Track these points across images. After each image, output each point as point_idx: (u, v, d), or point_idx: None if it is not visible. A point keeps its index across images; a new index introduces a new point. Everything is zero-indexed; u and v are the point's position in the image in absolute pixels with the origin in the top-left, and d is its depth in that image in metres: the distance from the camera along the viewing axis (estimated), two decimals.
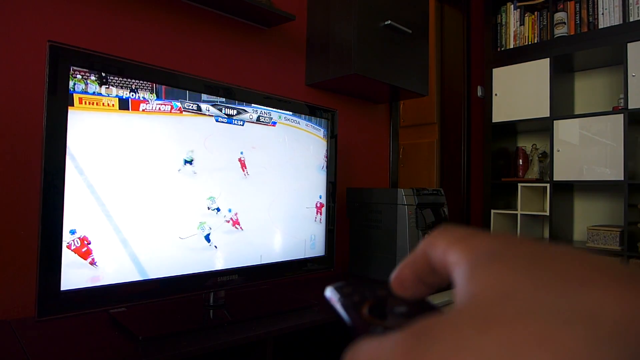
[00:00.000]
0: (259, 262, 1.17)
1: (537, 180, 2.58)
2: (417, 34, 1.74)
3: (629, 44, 2.19)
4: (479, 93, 2.75)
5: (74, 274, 0.83)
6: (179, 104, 0.99)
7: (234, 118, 1.11)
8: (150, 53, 1.27)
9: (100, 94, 0.86)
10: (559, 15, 2.45)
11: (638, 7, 2.21)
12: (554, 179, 2.41)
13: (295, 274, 1.31)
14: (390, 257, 1.48)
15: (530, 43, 2.60)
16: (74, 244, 0.82)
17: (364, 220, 1.59)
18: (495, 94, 2.67)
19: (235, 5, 1.37)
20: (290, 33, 1.65)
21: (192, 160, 1.02)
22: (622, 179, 2.19)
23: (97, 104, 0.86)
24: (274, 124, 1.21)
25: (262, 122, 1.18)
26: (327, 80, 1.63)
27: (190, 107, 1.02)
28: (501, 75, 2.66)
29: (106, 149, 0.88)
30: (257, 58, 1.55)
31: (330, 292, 0.21)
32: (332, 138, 1.39)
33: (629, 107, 2.18)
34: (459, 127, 2.68)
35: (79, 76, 0.83)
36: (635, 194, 2.26)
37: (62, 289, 0.81)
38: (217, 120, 1.07)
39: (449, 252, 0.17)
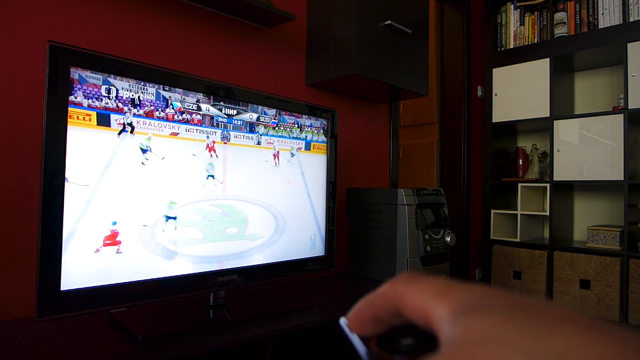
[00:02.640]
0: (259, 262, 1.17)
1: (537, 180, 2.58)
2: (417, 34, 1.74)
3: (629, 44, 2.19)
4: (479, 93, 2.75)
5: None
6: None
7: (234, 118, 1.11)
8: (151, 53, 1.27)
9: (319, 141, 1.36)
10: (559, 15, 2.45)
11: (638, 7, 2.21)
12: (554, 179, 2.41)
13: (295, 274, 1.31)
14: (390, 257, 1.48)
15: (530, 43, 2.60)
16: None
17: (364, 220, 1.59)
18: (495, 94, 2.67)
19: (235, 5, 1.37)
20: (290, 33, 1.65)
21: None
22: (622, 179, 2.19)
23: (320, 148, 1.36)
24: (274, 123, 1.21)
25: (262, 121, 1.18)
26: (327, 80, 1.63)
27: (190, 108, 1.02)
28: (501, 75, 2.66)
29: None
30: (257, 58, 1.55)
31: (343, 324, 0.22)
32: (332, 138, 1.39)
33: (629, 107, 2.18)
34: (459, 127, 2.68)
35: (315, 131, 1.33)
36: (635, 194, 2.26)
37: (62, 289, 0.81)
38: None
39: (432, 306, 0.18)
